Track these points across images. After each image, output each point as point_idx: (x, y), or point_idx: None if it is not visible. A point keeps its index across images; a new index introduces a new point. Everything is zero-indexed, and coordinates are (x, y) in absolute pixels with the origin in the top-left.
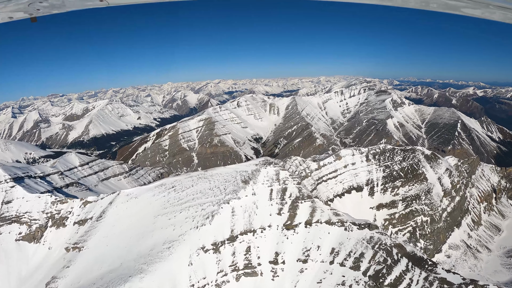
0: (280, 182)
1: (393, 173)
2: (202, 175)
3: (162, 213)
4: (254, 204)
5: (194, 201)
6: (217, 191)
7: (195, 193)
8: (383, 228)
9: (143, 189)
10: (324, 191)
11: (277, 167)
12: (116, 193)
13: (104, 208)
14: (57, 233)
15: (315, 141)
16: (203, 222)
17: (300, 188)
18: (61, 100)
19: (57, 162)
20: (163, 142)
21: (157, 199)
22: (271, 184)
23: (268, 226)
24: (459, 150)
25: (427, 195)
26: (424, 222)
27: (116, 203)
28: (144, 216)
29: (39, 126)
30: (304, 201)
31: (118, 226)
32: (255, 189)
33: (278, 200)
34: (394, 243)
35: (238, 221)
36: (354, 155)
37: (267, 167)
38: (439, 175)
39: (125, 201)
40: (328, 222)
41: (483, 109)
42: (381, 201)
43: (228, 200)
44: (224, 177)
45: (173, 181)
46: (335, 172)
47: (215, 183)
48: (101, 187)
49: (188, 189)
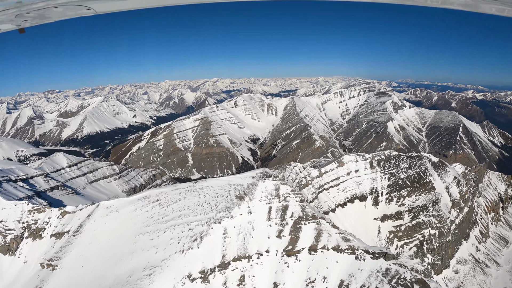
0: (280, 198)
1: (399, 181)
2: (190, 187)
3: (144, 232)
4: (250, 224)
5: (181, 219)
6: (207, 208)
7: (182, 209)
8: (387, 241)
9: (125, 201)
10: (326, 200)
11: (277, 181)
12: (95, 204)
13: (82, 222)
14: (33, 245)
15: (314, 143)
16: (190, 245)
17: (303, 206)
18: (58, 96)
19: (44, 163)
20: (157, 142)
21: (139, 214)
22: (269, 201)
23: (265, 251)
24: (461, 155)
25: (435, 206)
26: (432, 236)
27: (95, 217)
28: (124, 233)
29: (32, 123)
30: (308, 222)
31: (95, 244)
32: (251, 206)
33: (278, 220)
34: (416, 279)
35: (231, 245)
36: (358, 161)
37: (265, 180)
38: (447, 184)
39: (105, 214)
40: (336, 249)
41: (483, 112)
42: (386, 211)
43: (220, 219)
44: (215, 190)
45: (158, 193)
46: (337, 179)
47: (206, 197)
48: (89, 189)
49: (174, 204)
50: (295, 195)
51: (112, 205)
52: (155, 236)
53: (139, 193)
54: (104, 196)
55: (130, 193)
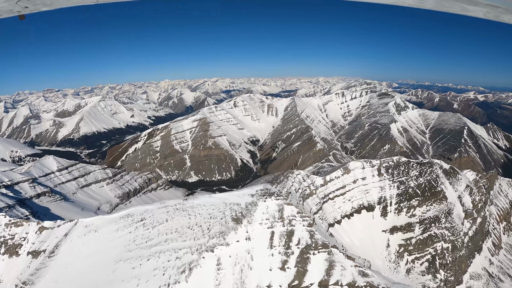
0: (284, 222)
1: (409, 190)
2: (180, 205)
3: (125, 258)
4: (249, 253)
5: (167, 244)
6: (199, 232)
7: (170, 231)
8: (397, 255)
9: (105, 220)
10: (331, 211)
11: (280, 200)
12: (73, 222)
13: (59, 241)
14: (9, 262)
15: (315, 145)
16: (177, 277)
17: (312, 232)
18: (57, 95)
19: (32, 167)
20: (154, 143)
21: (120, 236)
22: (272, 224)
23: (267, 286)
24: (466, 158)
25: (447, 217)
26: (444, 250)
27: (72, 236)
28: (103, 259)
29: (29, 122)
30: (318, 251)
31: (70, 270)
32: (250, 231)
33: (282, 249)
34: None
35: (225, 278)
36: (365, 168)
37: (267, 199)
38: (459, 193)
39: (83, 234)
40: (351, 286)
41: (485, 114)
42: (395, 223)
43: (213, 247)
44: (208, 211)
45: (143, 211)
46: (343, 188)
47: (197, 219)
48: (80, 195)
49: (160, 225)
50: (302, 218)
51: (91, 224)
52: (137, 265)
53: (121, 211)
54: (96, 202)
55: (124, 198)
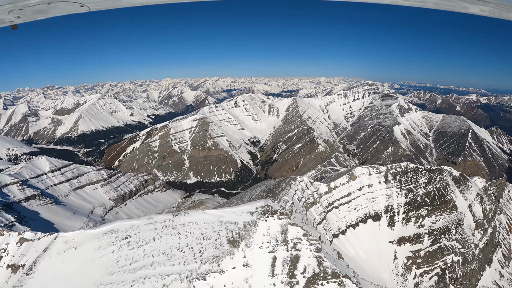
0: (288, 245)
1: (417, 198)
2: (169, 222)
3: (106, 282)
4: (246, 282)
5: (154, 269)
6: (189, 255)
7: (157, 253)
8: (405, 268)
9: (87, 235)
10: (335, 220)
11: (284, 220)
12: (53, 236)
13: (37, 257)
14: None
15: (317, 147)
16: None
17: (320, 258)
18: (57, 92)
19: (24, 168)
20: (152, 143)
21: (102, 255)
22: (274, 248)
23: None
24: (470, 162)
25: (457, 227)
26: (455, 263)
27: (51, 252)
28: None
29: (27, 120)
30: (327, 282)
31: None
32: (248, 256)
33: (285, 277)
34: None
35: None
36: (371, 174)
37: (268, 218)
38: (469, 202)
39: (62, 251)
40: None
41: (488, 117)
42: (402, 233)
43: (205, 274)
44: (201, 230)
45: (129, 227)
46: (348, 196)
47: (188, 239)
48: (72, 197)
49: (147, 245)
50: (308, 242)
51: (72, 239)
52: None
53: (106, 225)
54: (89, 205)
55: (119, 201)
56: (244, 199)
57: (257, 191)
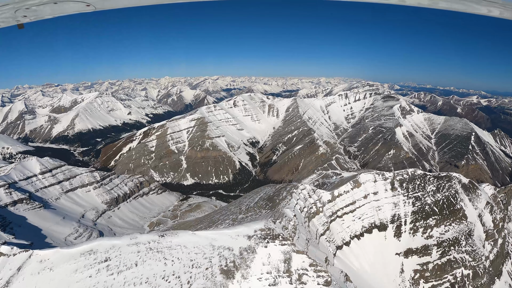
0: (292, 277)
1: (425, 207)
2: (154, 245)
3: None
4: None
5: None
6: (176, 285)
7: (139, 280)
8: (412, 282)
9: (64, 255)
10: (339, 230)
11: (287, 246)
12: (28, 254)
13: (11, 276)
14: None
15: (317, 149)
16: None
17: None
18: (56, 90)
19: (13, 169)
20: (149, 143)
21: (79, 280)
22: (275, 280)
23: None
24: (473, 165)
25: (467, 239)
26: (465, 277)
27: (24, 273)
28: None
29: (23, 118)
30: None
31: None
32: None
33: None
34: None
35: None
36: (377, 181)
37: (269, 243)
38: (479, 211)
39: (36, 272)
40: None
41: (489, 119)
42: (410, 245)
43: None
44: (190, 255)
45: (109, 247)
46: (353, 204)
47: (174, 266)
48: (63, 200)
49: (128, 271)
50: (316, 273)
51: (47, 259)
52: None
53: (84, 244)
54: (80, 208)
55: (112, 204)
56: (241, 207)
57: (256, 199)
